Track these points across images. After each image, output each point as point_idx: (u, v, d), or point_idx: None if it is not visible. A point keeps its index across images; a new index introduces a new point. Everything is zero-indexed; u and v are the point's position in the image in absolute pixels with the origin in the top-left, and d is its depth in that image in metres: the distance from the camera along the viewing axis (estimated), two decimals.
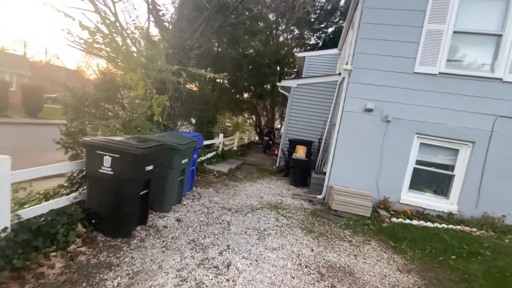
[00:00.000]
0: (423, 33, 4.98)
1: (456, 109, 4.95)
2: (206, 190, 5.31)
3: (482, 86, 4.83)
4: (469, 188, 4.97)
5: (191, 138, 4.25)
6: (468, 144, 5.00)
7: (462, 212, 4.96)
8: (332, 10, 15.15)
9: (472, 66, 4.95)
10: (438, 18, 4.91)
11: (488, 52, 4.87)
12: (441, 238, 4.10)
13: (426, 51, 4.99)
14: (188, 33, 5.06)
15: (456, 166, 5.12)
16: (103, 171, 2.86)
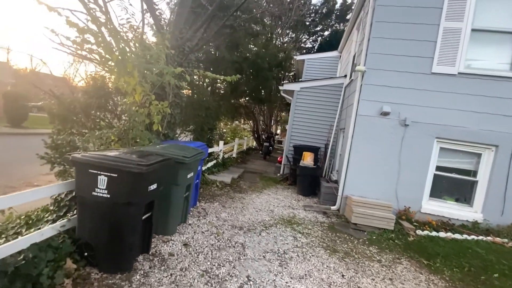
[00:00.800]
0: (440, 32, 4.69)
1: (477, 111, 4.66)
2: (211, 205, 4.81)
3: (504, 86, 4.56)
4: (493, 194, 4.65)
5: (197, 149, 3.78)
6: (491, 148, 4.70)
7: (488, 221, 4.63)
8: (328, 13, 15.02)
9: (492, 66, 4.68)
10: (455, 16, 4.63)
11: (508, 51, 4.62)
12: (475, 253, 3.74)
13: (444, 50, 4.70)
14: (188, 34, 4.62)
15: (479, 172, 4.81)
16: (97, 194, 2.36)
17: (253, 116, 14.71)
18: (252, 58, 9.39)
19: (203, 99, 6.91)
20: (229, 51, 9.08)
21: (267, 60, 9.56)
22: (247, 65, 9.23)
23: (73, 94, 4.46)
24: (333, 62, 10.60)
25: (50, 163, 3.84)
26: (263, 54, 9.57)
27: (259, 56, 9.41)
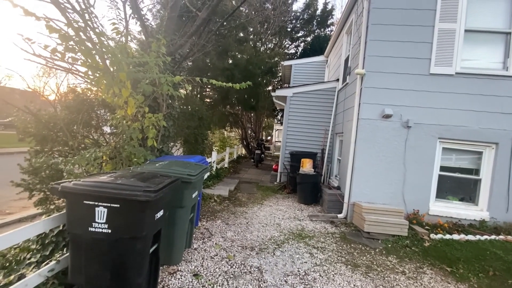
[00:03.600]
0: (435, 33, 4.72)
1: (476, 109, 4.69)
2: (213, 224, 4.43)
3: (500, 84, 4.63)
4: (497, 192, 4.66)
5: (200, 165, 3.43)
6: (492, 146, 4.73)
7: (495, 219, 4.62)
8: (310, 19, 15.22)
9: (487, 65, 4.75)
10: (449, 17, 4.68)
11: (500, 50, 4.72)
12: (494, 254, 3.65)
13: (440, 51, 4.72)
14: (181, 40, 4.30)
15: (482, 170, 4.82)
16: (95, 230, 1.96)
17: (241, 123, 14.42)
18: (243, 65, 9.18)
19: (195, 108, 6.54)
20: (219, 58, 8.80)
21: (258, 66, 9.40)
22: (238, 71, 8.99)
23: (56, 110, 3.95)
24: (320, 67, 10.62)
25: (28, 191, 3.33)
26: (254, 60, 9.39)
27: (250, 63, 9.21)
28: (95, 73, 3.05)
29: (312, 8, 15.17)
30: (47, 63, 3.47)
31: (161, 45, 3.07)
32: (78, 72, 3.67)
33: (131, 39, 5.01)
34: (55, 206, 3.49)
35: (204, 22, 4.26)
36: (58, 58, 2.92)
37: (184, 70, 4.73)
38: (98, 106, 4.73)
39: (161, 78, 3.00)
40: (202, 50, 5.51)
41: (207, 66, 9.39)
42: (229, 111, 13.04)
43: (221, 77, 8.26)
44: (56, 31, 2.61)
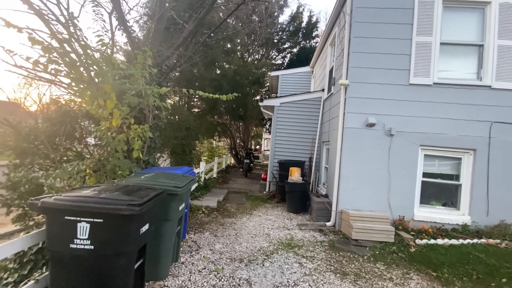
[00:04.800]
0: (413, 45, 4.96)
1: (454, 118, 4.91)
2: (201, 236, 4.35)
3: (475, 94, 4.89)
4: (477, 196, 4.85)
5: (187, 176, 3.39)
6: (470, 152, 4.95)
7: (476, 223, 4.78)
8: (295, 31, 15.66)
9: (462, 76, 5.02)
10: (425, 31, 4.94)
11: (474, 61, 5.01)
12: (476, 258, 3.76)
13: (418, 62, 4.95)
14: (168, 52, 4.32)
15: (462, 175, 5.01)
16: (77, 246, 1.89)
17: (230, 133, 14.42)
18: (231, 75, 9.27)
19: (183, 119, 6.51)
20: (206, 69, 8.85)
21: (245, 76, 9.52)
22: (226, 82, 9.07)
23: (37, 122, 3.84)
24: (306, 77, 10.87)
25: (6, 206, 3.18)
26: (242, 70, 9.51)
27: (238, 73, 9.32)
28: (79, 84, 3.01)
29: (298, 20, 15.64)
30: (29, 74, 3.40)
31: (147, 57, 3.08)
32: (62, 83, 3.61)
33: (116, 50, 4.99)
34: (34, 222, 3.35)
35: (191, 34, 4.31)
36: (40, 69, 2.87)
37: (171, 80, 4.74)
38: (82, 117, 4.64)
39: (147, 89, 2.99)
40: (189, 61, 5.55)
41: (195, 77, 9.43)
42: (218, 120, 13.05)
43: (208, 88, 8.30)
44: (39, 43, 2.57)
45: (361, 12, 5.06)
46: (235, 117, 11.98)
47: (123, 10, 4.86)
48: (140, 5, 8.50)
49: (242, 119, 12.56)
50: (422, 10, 4.93)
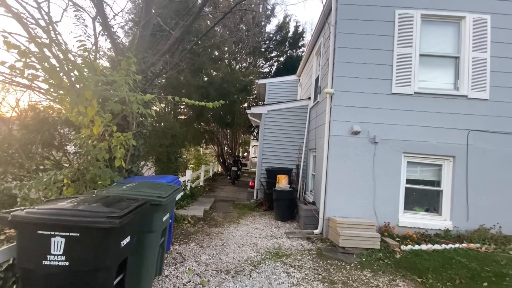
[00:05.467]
0: (394, 56, 5.15)
1: (434, 126, 5.10)
2: (187, 247, 4.22)
3: (452, 103, 5.11)
4: (457, 201, 5.01)
5: (172, 185, 3.29)
6: (449, 159, 5.13)
7: (457, 227, 4.92)
8: (282, 40, 15.96)
9: (441, 86, 5.25)
10: (405, 42, 5.15)
11: (452, 72, 5.25)
12: (459, 263, 3.85)
13: (400, 73, 5.14)
14: (154, 58, 4.26)
15: (443, 181, 5.17)
16: (50, 263, 1.77)
17: (217, 140, 14.31)
18: (218, 83, 9.26)
19: (168, 126, 6.39)
20: (193, 76, 8.78)
21: (233, 84, 9.54)
22: (213, 89, 9.03)
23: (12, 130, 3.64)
24: (293, 85, 11.04)
25: None
26: (229, 78, 9.53)
27: (225, 81, 9.33)
28: (58, 90, 2.89)
29: (284, 30, 15.97)
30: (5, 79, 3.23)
31: (131, 63, 3.01)
32: (40, 89, 3.46)
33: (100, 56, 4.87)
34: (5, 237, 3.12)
35: (177, 41, 4.27)
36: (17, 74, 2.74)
37: (156, 87, 4.65)
38: (61, 124, 4.45)
39: (131, 96, 2.91)
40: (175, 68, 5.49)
41: (181, 83, 9.34)
42: (205, 128, 12.94)
43: (195, 95, 8.24)
44: (15, 47, 2.45)
45: (345, 23, 5.22)
46: (223, 124, 11.93)
47: (107, 16, 4.77)
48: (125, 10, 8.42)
49: (229, 127, 12.53)
50: (402, 23, 5.15)
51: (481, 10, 5.09)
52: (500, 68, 5.04)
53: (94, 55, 4.39)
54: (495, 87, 5.05)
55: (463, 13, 5.11)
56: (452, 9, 5.13)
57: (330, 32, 5.47)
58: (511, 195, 4.93)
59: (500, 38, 5.06)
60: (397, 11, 5.17)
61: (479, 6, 5.09)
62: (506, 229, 4.80)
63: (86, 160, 3.14)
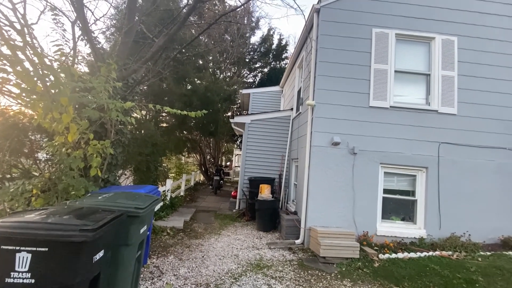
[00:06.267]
0: (371, 72, 5.42)
1: (408, 138, 5.37)
2: (165, 260, 4.07)
3: (424, 117, 5.42)
4: (431, 210, 5.25)
5: (151, 196, 3.19)
6: (423, 170, 5.40)
7: (431, 236, 5.13)
8: (266, 52, 16.30)
9: (414, 101, 5.56)
10: (381, 59, 5.45)
11: (423, 88, 5.60)
12: (433, 270, 4.00)
13: (377, 87, 5.40)
14: (136, 66, 4.19)
15: (417, 191, 5.41)
16: (14, 281, 1.64)
17: (200, 149, 14.11)
18: (202, 91, 9.22)
19: (149, 134, 6.23)
20: (176, 84, 8.69)
21: (217, 93, 9.54)
22: (196, 98, 8.97)
23: None
24: (276, 96, 11.24)
25: None
26: (213, 87, 9.53)
27: (209, 89, 9.31)
28: (31, 95, 2.75)
29: (268, 42, 16.35)
30: None
31: (111, 70, 2.94)
32: (10, 93, 3.27)
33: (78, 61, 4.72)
34: None
35: (160, 49, 4.24)
36: None
37: (137, 94, 4.55)
38: (33, 131, 4.21)
39: (110, 103, 2.83)
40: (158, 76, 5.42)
41: (164, 91, 9.21)
42: (187, 136, 12.75)
43: (178, 103, 8.14)
44: None
45: (326, 39, 5.44)
46: (206, 133, 11.83)
47: (88, 20, 4.66)
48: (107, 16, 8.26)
49: (212, 135, 12.44)
50: (378, 41, 5.45)
51: (449, 32, 5.52)
52: (466, 85, 5.45)
53: (72, 60, 4.25)
54: (462, 103, 5.43)
55: (433, 34, 5.51)
56: (423, 30, 5.52)
57: (312, 47, 5.67)
58: (478, 204, 5.25)
59: (465, 58, 5.49)
60: (374, 30, 5.48)
61: (447, 28, 5.52)
62: (474, 236, 5.07)
63: (58, 169, 2.98)
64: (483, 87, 5.47)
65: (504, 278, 3.74)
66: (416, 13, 5.53)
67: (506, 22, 5.59)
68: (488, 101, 5.45)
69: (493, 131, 5.41)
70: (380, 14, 5.53)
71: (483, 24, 5.56)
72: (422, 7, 5.55)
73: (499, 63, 5.52)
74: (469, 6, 5.58)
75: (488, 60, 5.51)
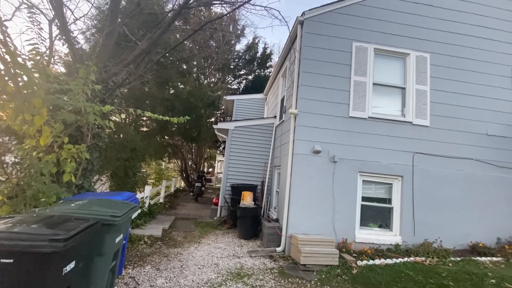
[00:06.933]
0: (351, 83, 5.64)
1: (385, 148, 5.60)
2: (141, 270, 3.90)
3: (400, 128, 5.69)
4: (405, 218, 5.46)
5: (128, 203, 3.07)
6: (398, 178, 5.63)
7: (406, 242, 5.33)
8: (251, 60, 16.49)
9: (391, 112, 5.83)
10: (361, 72, 5.69)
11: (399, 101, 5.90)
12: (407, 276, 4.14)
13: (356, 98, 5.62)
14: (117, 68, 4.08)
15: (393, 199, 5.63)
16: None
17: (181, 154, 13.84)
18: (185, 96, 9.10)
19: (128, 139, 6.02)
20: (159, 88, 8.53)
21: (200, 98, 9.47)
22: (179, 102, 8.84)
23: None
24: (260, 103, 11.35)
25: None
26: (197, 92, 9.45)
27: (192, 95, 9.22)
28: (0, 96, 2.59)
29: (253, 50, 16.57)
30: None
31: (90, 72, 2.84)
32: None
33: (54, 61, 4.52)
34: None
35: (143, 53, 4.17)
36: None
37: (117, 97, 4.41)
38: (0, 132, 3.95)
39: (87, 107, 2.73)
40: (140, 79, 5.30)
41: (145, 94, 9.01)
42: (168, 141, 12.47)
43: (160, 107, 7.98)
44: None
45: (309, 50, 5.61)
46: (188, 138, 11.65)
47: (67, 20, 4.50)
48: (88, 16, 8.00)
49: (195, 141, 12.27)
50: (358, 54, 5.70)
51: (423, 49, 5.89)
52: (438, 99, 5.81)
53: (48, 60, 4.07)
54: (434, 115, 5.77)
55: (408, 50, 5.85)
56: (399, 46, 5.85)
57: (295, 57, 5.82)
58: (449, 211, 5.54)
59: (437, 74, 5.87)
60: (354, 44, 5.73)
61: (421, 45, 5.89)
62: (446, 242, 5.32)
63: (28, 174, 2.80)
64: (453, 101, 5.85)
65: (473, 283, 3.95)
66: (393, 30, 5.86)
67: (475, 42, 6.06)
68: (457, 115, 5.83)
69: (462, 143, 5.78)
70: (360, 29, 5.80)
71: (453, 43, 5.99)
72: (399, 24, 5.89)
73: (468, 80, 5.94)
74: (441, 26, 6.00)
75: (457, 76, 5.92)
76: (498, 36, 6.16)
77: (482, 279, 4.05)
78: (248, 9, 8.79)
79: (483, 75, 6.01)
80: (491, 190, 5.74)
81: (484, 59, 6.04)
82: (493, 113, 5.96)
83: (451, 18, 6.04)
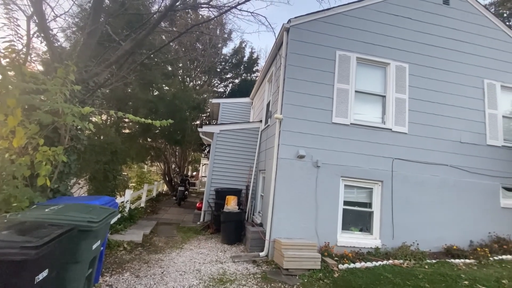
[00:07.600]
0: (335, 90, 5.79)
1: (366, 153, 5.78)
2: (120, 278, 3.77)
3: (380, 134, 5.90)
4: (385, 221, 5.64)
5: (107, 208, 2.97)
6: (379, 183, 5.82)
7: (385, 245, 5.49)
8: (238, 64, 16.56)
9: (372, 119, 6.03)
10: (343, 79, 5.87)
11: (379, 108, 6.12)
12: (386, 278, 4.26)
13: (339, 105, 5.77)
14: (99, 69, 3.96)
15: (373, 203, 5.80)
16: None
17: (164, 158, 13.55)
18: (169, 99, 8.96)
19: (108, 141, 5.83)
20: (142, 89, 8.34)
21: (185, 101, 9.35)
22: (163, 105, 8.68)
23: None
24: (246, 107, 11.39)
25: None
26: (182, 95, 9.33)
27: (177, 97, 9.09)
28: None
29: (240, 54, 16.66)
30: None
31: (70, 72, 2.75)
32: None
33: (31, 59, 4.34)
34: None
35: (127, 54, 4.08)
36: None
37: (98, 98, 4.28)
38: None
39: (65, 108, 2.63)
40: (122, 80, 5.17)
41: (128, 96, 8.78)
42: (151, 144, 12.19)
43: (143, 109, 7.80)
44: None
45: (294, 57, 5.72)
46: (172, 141, 11.45)
47: (47, 16, 4.33)
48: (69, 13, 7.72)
49: (179, 144, 12.07)
50: (341, 63, 5.88)
51: (402, 59, 6.17)
52: (415, 107, 6.08)
53: (25, 58, 3.89)
54: (412, 123, 6.04)
55: (388, 60, 6.10)
56: (380, 56, 6.10)
57: (281, 63, 5.91)
58: (425, 215, 5.78)
59: (415, 83, 6.16)
60: (337, 52, 5.90)
61: (400, 56, 6.17)
62: (422, 245, 5.54)
63: None
64: (429, 110, 6.15)
65: (447, 285, 4.12)
66: (374, 40, 6.10)
67: (450, 55, 6.42)
68: (433, 123, 6.13)
69: (437, 149, 6.07)
70: (343, 38, 6.00)
71: (430, 55, 6.32)
72: (380, 35, 6.15)
73: (443, 90, 6.27)
74: (419, 38, 6.32)
75: (434, 86, 6.24)
76: (470, 49, 6.56)
77: (456, 281, 4.24)
78: (235, 14, 8.80)
79: (457, 85, 6.37)
80: (464, 195, 6.05)
81: (458, 71, 6.42)
82: (466, 121, 6.31)
83: (427, 31, 6.38)
